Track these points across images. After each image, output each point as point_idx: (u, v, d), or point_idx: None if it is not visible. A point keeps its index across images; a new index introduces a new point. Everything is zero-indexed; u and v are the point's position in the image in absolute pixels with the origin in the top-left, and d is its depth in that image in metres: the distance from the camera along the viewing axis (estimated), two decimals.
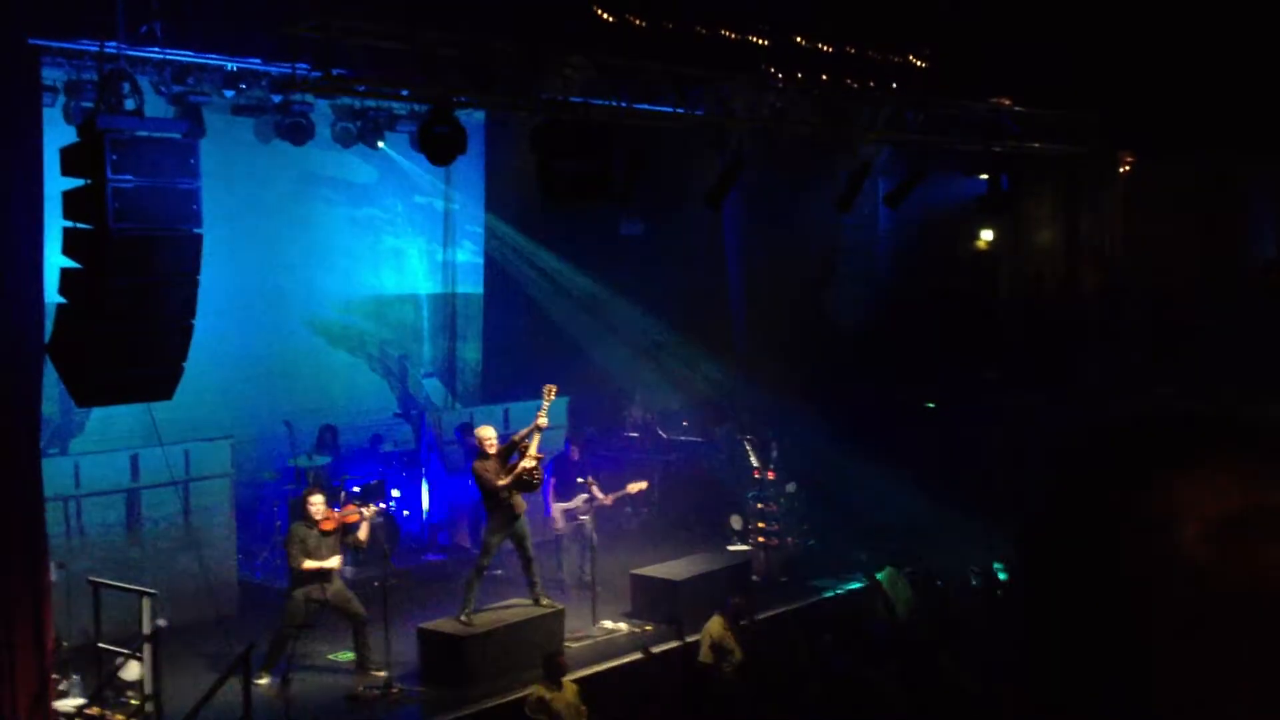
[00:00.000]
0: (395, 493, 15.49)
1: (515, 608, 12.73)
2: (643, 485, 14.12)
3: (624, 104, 11.56)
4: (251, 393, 14.48)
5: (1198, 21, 13.72)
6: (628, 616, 13.62)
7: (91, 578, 11.10)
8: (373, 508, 12.36)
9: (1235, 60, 13.65)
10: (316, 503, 11.65)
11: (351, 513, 12.04)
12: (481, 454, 12.32)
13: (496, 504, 12.19)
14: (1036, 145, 15.85)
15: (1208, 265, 16.41)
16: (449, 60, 10.41)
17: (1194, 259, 16.47)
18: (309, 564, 11.49)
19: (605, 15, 10.47)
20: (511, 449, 12.28)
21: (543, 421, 12.14)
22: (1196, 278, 16.30)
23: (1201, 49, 13.69)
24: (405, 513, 15.48)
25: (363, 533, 12.05)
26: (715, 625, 12.17)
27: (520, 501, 12.33)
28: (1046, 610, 1.07)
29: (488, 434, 12.53)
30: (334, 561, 11.66)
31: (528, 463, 12.17)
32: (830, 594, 14.42)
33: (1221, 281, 16.31)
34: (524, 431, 12.30)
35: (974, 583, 13.84)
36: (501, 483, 12.05)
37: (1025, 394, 17.14)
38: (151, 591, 10.65)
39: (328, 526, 11.64)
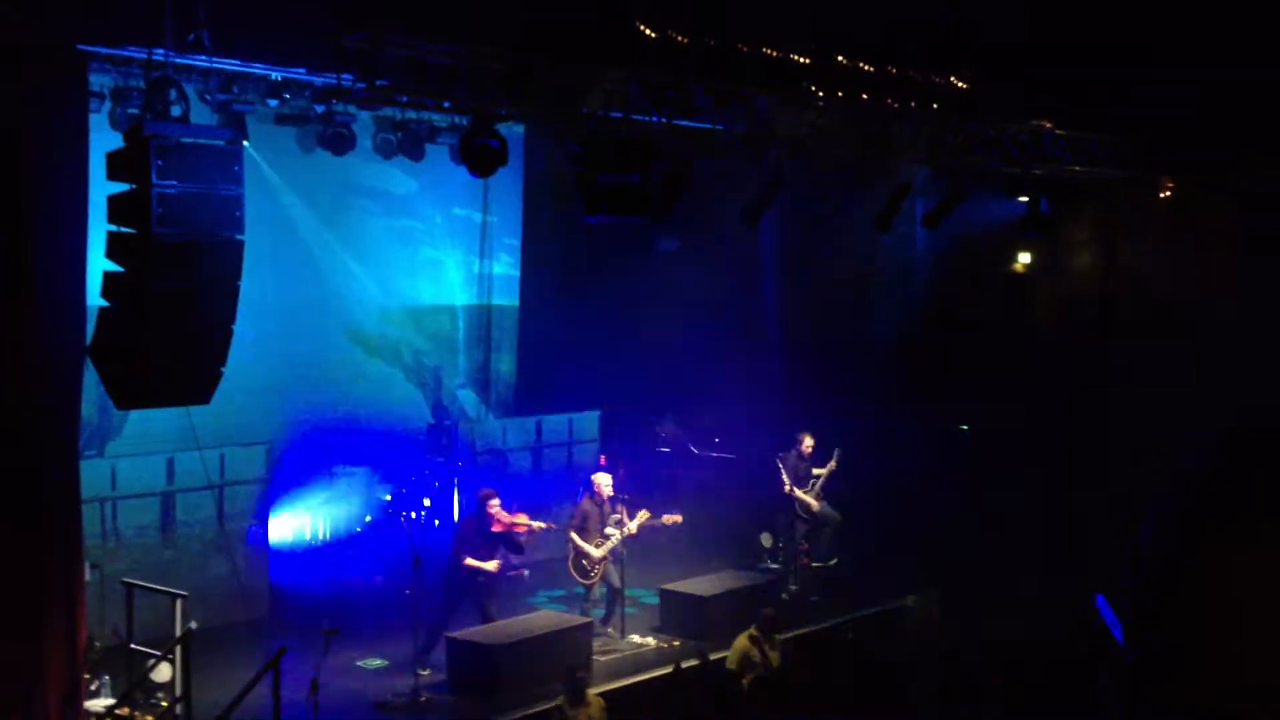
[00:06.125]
0: (426, 501, 15.57)
1: (544, 618, 12.79)
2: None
3: (665, 120, 11.59)
4: (287, 399, 14.58)
5: (1241, 44, 13.62)
6: (656, 631, 13.64)
7: (125, 579, 11.20)
8: (541, 523, 12.84)
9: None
10: (495, 505, 12.35)
11: (521, 523, 12.56)
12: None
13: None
14: (1077, 169, 15.76)
15: (1249, 292, 16.23)
16: (493, 73, 10.47)
17: (1235, 285, 16.29)
18: (470, 561, 12.19)
19: (648, 31, 10.51)
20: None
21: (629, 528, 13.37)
22: (1237, 304, 16.13)
23: (1244, 72, 13.60)
24: (436, 522, 15.55)
25: (524, 542, 12.70)
26: (746, 636, 12.18)
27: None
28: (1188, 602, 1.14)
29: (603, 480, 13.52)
30: (492, 565, 12.33)
31: (595, 551, 13.20)
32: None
33: (1263, 308, 16.14)
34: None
35: None
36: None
37: (1060, 418, 17.04)
38: (184, 594, 10.75)
39: (496, 529, 12.33)
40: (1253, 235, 16.52)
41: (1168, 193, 17.31)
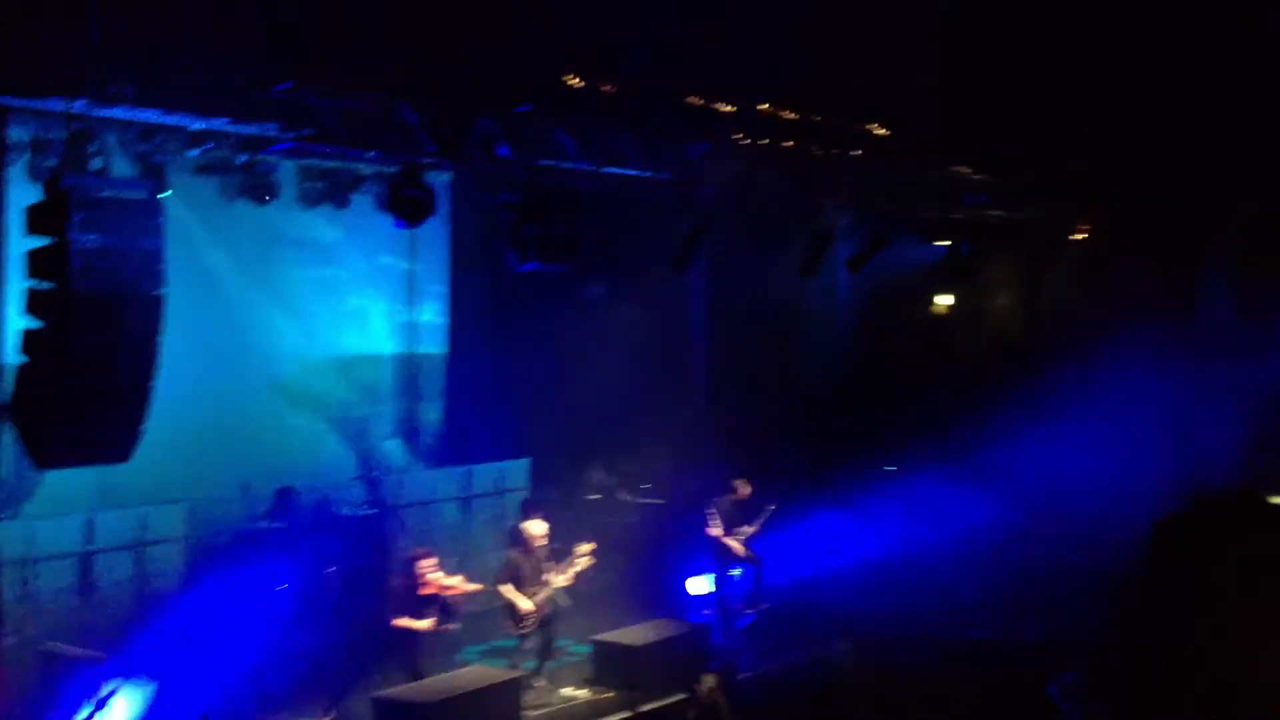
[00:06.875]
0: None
1: (473, 673, 12.60)
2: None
3: (593, 168, 11.63)
4: (209, 455, 14.24)
5: (1152, 89, 13.99)
6: (589, 683, 13.49)
7: (43, 643, 10.88)
8: (475, 585, 12.75)
9: (1186, 127, 13.93)
10: (427, 566, 12.19)
11: (454, 586, 12.42)
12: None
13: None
14: (995, 213, 16.07)
15: (1165, 328, 16.61)
16: (419, 123, 10.42)
17: (1151, 323, 16.66)
18: (400, 622, 12.02)
19: (576, 81, 10.56)
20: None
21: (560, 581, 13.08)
22: (1155, 341, 16.49)
23: (1155, 116, 13.98)
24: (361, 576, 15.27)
25: (457, 605, 12.56)
26: (709, 681, 12.15)
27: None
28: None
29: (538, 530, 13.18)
30: (424, 624, 12.15)
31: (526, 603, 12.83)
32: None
33: (1179, 345, 16.53)
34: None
35: None
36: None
37: (985, 458, 17.26)
38: (105, 657, 10.46)
39: (427, 591, 12.15)
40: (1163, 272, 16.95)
41: (1084, 233, 17.69)
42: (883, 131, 14.60)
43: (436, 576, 12.26)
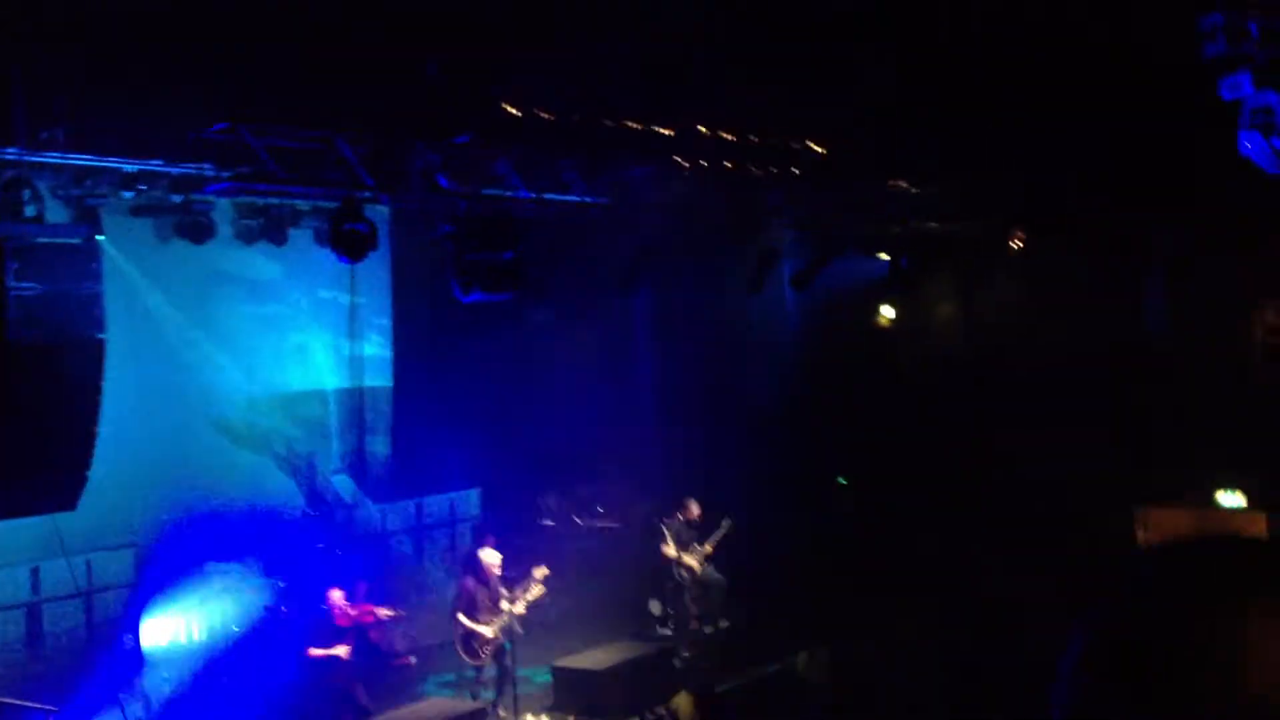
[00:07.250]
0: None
1: (433, 706, 12.52)
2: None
3: (534, 195, 11.63)
4: (155, 497, 14.08)
5: (1086, 99, 14.18)
6: (550, 710, 13.43)
7: None
8: (389, 611, 12.80)
9: (1123, 137, 14.12)
10: (337, 597, 12.27)
11: (367, 613, 12.41)
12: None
13: None
14: (933, 225, 16.23)
15: (1105, 338, 16.83)
16: (357, 157, 10.38)
17: (1092, 332, 16.88)
18: (315, 651, 12.08)
19: (514, 110, 10.57)
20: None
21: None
22: (1094, 351, 16.70)
23: (1094, 127, 14.16)
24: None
25: (375, 632, 12.64)
26: (685, 703, 12.09)
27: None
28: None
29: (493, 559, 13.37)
30: (339, 650, 12.14)
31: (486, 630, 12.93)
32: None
33: (1119, 355, 16.74)
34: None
35: None
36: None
37: (930, 468, 17.39)
38: (53, 709, 10.29)
39: (343, 623, 12.17)
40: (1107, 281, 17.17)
41: (1021, 243, 17.90)
42: (820, 149, 14.72)
43: (347, 607, 12.27)
